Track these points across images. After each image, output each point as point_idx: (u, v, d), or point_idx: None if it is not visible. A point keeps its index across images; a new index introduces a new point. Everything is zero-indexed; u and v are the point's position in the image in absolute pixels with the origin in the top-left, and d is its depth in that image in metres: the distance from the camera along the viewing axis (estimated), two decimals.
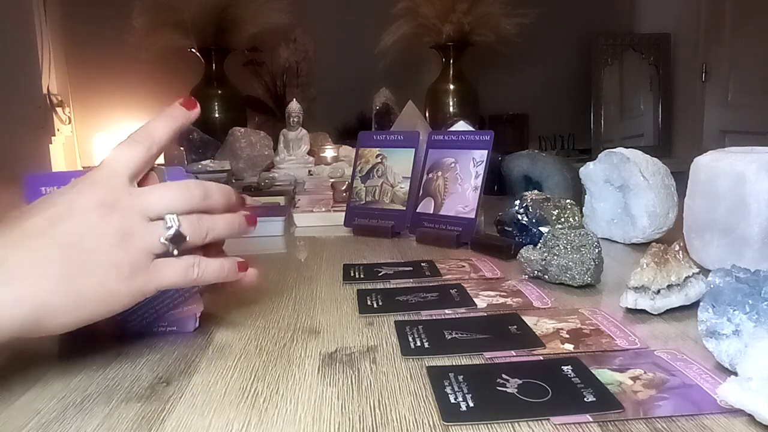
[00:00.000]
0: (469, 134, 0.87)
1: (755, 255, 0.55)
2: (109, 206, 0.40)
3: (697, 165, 0.62)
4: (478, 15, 2.12)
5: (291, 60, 2.27)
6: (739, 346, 0.38)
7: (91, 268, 0.38)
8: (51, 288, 0.37)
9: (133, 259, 0.40)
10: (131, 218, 0.40)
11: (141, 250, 0.40)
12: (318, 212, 0.98)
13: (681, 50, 2.49)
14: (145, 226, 0.41)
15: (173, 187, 0.42)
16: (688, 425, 0.33)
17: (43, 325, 0.37)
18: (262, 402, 0.36)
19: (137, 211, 0.41)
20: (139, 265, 0.40)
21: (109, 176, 0.41)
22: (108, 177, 0.41)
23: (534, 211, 0.73)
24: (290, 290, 0.60)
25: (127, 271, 0.39)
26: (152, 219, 0.41)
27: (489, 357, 0.42)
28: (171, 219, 0.41)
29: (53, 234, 0.38)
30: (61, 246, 0.38)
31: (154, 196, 0.42)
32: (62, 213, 0.39)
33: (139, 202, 0.41)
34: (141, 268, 0.40)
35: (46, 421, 0.35)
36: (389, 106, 1.57)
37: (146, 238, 0.40)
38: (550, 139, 2.53)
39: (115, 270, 0.39)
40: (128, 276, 0.39)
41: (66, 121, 2.33)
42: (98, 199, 0.40)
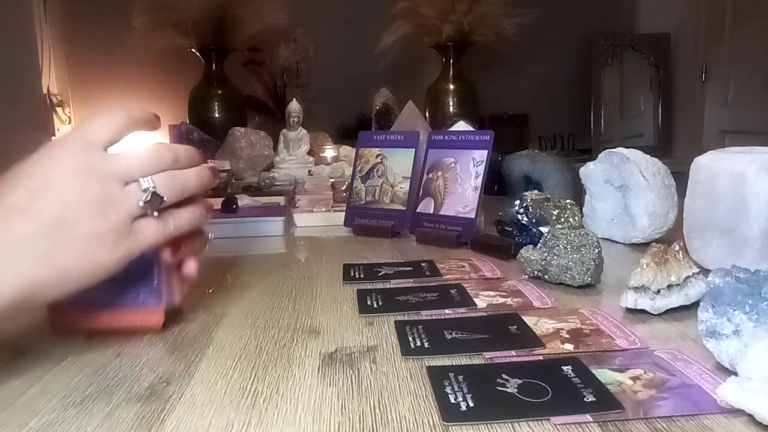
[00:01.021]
0: (469, 134, 0.87)
1: (755, 255, 0.55)
2: (87, 173, 0.40)
3: (697, 165, 0.62)
4: (478, 15, 2.11)
5: (291, 60, 2.26)
6: (739, 346, 0.38)
7: (76, 241, 0.39)
8: (38, 265, 0.38)
9: (115, 227, 0.41)
10: (109, 184, 0.41)
11: (122, 217, 0.41)
12: (318, 212, 0.98)
13: (681, 50, 2.49)
14: (123, 192, 0.41)
15: (146, 150, 0.43)
16: (688, 425, 0.33)
17: (32, 299, 0.39)
18: (262, 402, 0.36)
19: (114, 176, 0.41)
20: (121, 232, 0.41)
21: (84, 140, 0.42)
22: (82, 141, 0.41)
23: (534, 211, 0.73)
24: (290, 290, 0.60)
25: (110, 239, 0.40)
26: (128, 183, 0.42)
27: (489, 357, 0.42)
28: (146, 181, 0.42)
29: (36, 209, 0.39)
30: (44, 222, 0.38)
31: (129, 159, 0.42)
32: (41, 184, 0.39)
33: (116, 166, 0.41)
34: (123, 234, 0.41)
35: (46, 421, 0.35)
36: (389, 106, 1.57)
37: (126, 204, 0.41)
38: (550, 139, 2.52)
39: (98, 240, 0.40)
40: (112, 244, 0.40)
41: (66, 121, 2.33)
42: (75, 166, 0.40)
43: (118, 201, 0.41)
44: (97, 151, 0.41)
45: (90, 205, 0.40)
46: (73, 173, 0.40)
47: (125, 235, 0.41)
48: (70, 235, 0.39)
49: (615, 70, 2.53)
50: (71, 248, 0.39)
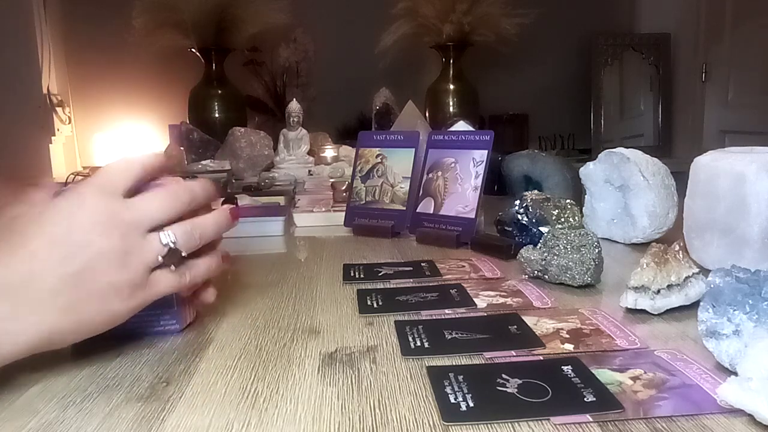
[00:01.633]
0: (469, 134, 0.87)
1: (755, 255, 0.55)
2: (108, 222, 0.40)
3: (697, 165, 0.62)
4: (478, 15, 2.11)
5: (291, 60, 2.27)
6: (739, 346, 0.38)
7: (95, 294, 0.40)
8: (58, 317, 0.39)
9: (133, 279, 0.41)
10: (131, 234, 0.41)
11: (140, 268, 0.41)
12: (318, 212, 0.98)
13: (681, 50, 2.49)
14: (143, 243, 0.41)
15: (163, 194, 0.43)
16: (688, 425, 0.33)
17: (48, 346, 0.40)
18: (262, 402, 0.36)
19: (135, 226, 0.41)
20: (138, 284, 0.41)
21: (104, 188, 0.42)
22: (103, 188, 0.42)
23: (534, 211, 0.73)
24: (290, 290, 0.60)
25: (127, 291, 0.41)
26: (148, 230, 0.42)
27: (489, 357, 0.42)
28: (167, 236, 0.42)
29: (59, 262, 0.39)
30: (68, 275, 0.39)
31: (149, 206, 0.42)
32: (64, 233, 0.39)
33: (137, 215, 0.41)
34: (140, 286, 0.42)
35: (46, 421, 0.35)
36: (389, 106, 1.57)
37: (145, 256, 0.41)
38: (550, 139, 2.52)
39: (116, 292, 0.40)
40: (128, 295, 0.41)
41: (66, 121, 2.33)
42: (97, 214, 0.40)
43: (137, 252, 0.41)
44: (117, 198, 0.42)
45: (111, 257, 0.40)
46: (95, 223, 0.40)
47: (142, 286, 0.42)
48: (91, 288, 0.39)
49: (615, 70, 2.53)
50: (91, 300, 0.40)
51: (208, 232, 0.45)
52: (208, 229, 0.45)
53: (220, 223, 0.47)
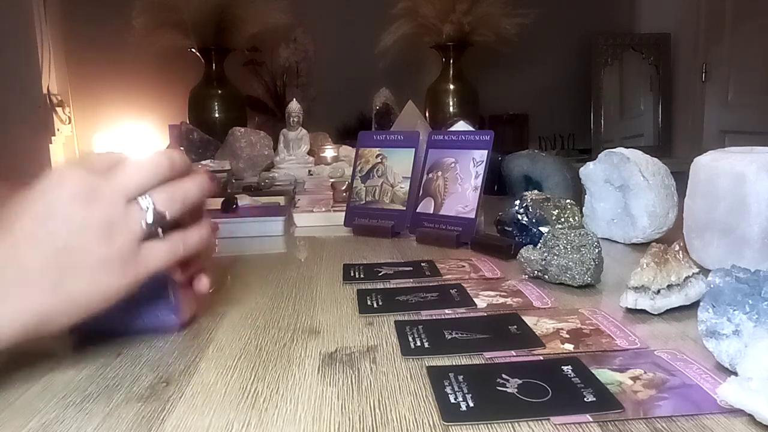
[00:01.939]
0: (469, 134, 0.87)
1: (755, 255, 0.55)
2: (88, 194, 0.39)
3: (697, 165, 0.62)
4: (478, 15, 2.11)
5: (291, 60, 2.26)
6: (739, 346, 0.38)
7: (84, 268, 0.39)
8: (47, 296, 0.38)
9: (122, 251, 0.40)
10: (112, 204, 0.40)
11: (127, 240, 0.40)
12: (318, 212, 0.98)
13: (681, 50, 2.49)
14: (125, 212, 0.40)
15: (143, 163, 0.42)
16: (688, 425, 0.33)
17: (43, 329, 0.39)
18: (262, 402, 0.36)
19: (117, 195, 0.40)
20: (128, 256, 0.40)
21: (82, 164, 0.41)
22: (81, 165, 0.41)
23: (534, 211, 0.73)
24: (290, 290, 0.60)
25: (118, 264, 0.40)
26: (130, 200, 0.41)
27: (489, 357, 0.42)
28: (144, 200, 0.41)
29: (42, 238, 0.38)
30: (51, 251, 0.38)
31: (129, 175, 0.41)
32: (45, 210, 0.39)
33: (117, 184, 0.40)
34: (131, 258, 0.40)
35: (46, 421, 0.35)
36: (389, 106, 1.57)
37: (129, 226, 0.40)
38: (550, 139, 2.52)
39: (106, 265, 0.39)
40: (120, 268, 0.40)
41: (66, 121, 2.33)
42: (77, 189, 0.39)
43: (122, 223, 0.40)
44: (96, 172, 0.41)
45: (95, 229, 0.39)
46: (74, 195, 0.39)
47: (133, 258, 0.41)
48: (78, 263, 0.39)
49: (615, 70, 2.53)
50: (80, 276, 0.39)
51: (191, 194, 0.44)
52: (190, 191, 0.44)
53: (201, 184, 0.45)
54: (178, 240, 0.43)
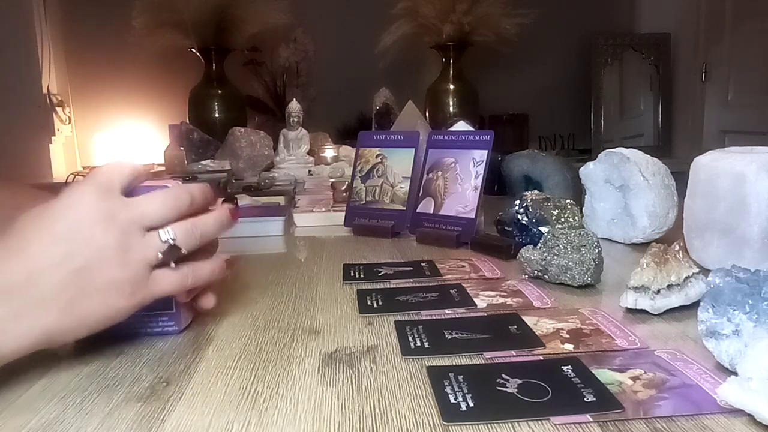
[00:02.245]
0: (469, 134, 0.87)
1: (755, 255, 0.55)
2: (107, 219, 0.40)
3: (697, 165, 0.62)
4: (478, 15, 2.11)
5: (291, 60, 2.26)
6: (739, 346, 0.38)
7: (96, 291, 0.40)
8: (60, 315, 0.39)
9: (134, 276, 0.41)
10: (130, 231, 0.41)
11: (140, 266, 0.41)
12: (318, 212, 0.98)
13: (681, 50, 2.49)
14: (142, 239, 0.41)
15: (163, 195, 0.43)
16: (688, 425, 0.33)
17: (50, 344, 0.40)
18: (262, 402, 0.36)
19: (135, 223, 0.41)
20: (139, 281, 0.41)
21: (104, 185, 0.42)
22: (103, 186, 0.42)
23: (534, 211, 0.73)
24: (290, 290, 0.60)
25: (128, 288, 0.41)
26: (147, 229, 0.42)
27: (489, 357, 0.42)
28: (166, 233, 0.42)
29: (61, 260, 0.39)
30: (68, 273, 0.39)
31: (149, 205, 0.42)
32: (65, 230, 0.40)
33: (136, 212, 0.42)
34: (141, 284, 0.42)
35: (46, 421, 0.35)
36: (389, 106, 1.57)
37: (144, 253, 0.41)
38: (550, 139, 2.52)
39: (117, 289, 0.41)
40: (129, 293, 0.41)
41: (66, 121, 2.33)
42: (97, 211, 0.40)
43: (137, 249, 0.41)
44: (115, 197, 0.42)
45: (112, 253, 0.40)
46: (96, 219, 0.40)
47: (143, 283, 0.42)
48: (93, 284, 0.40)
49: (615, 70, 2.53)
50: (93, 297, 0.40)
51: (209, 231, 0.45)
52: (209, 227, 0.45)
53: (221, 221, 0.47)
54: (188, 272, 0.44)
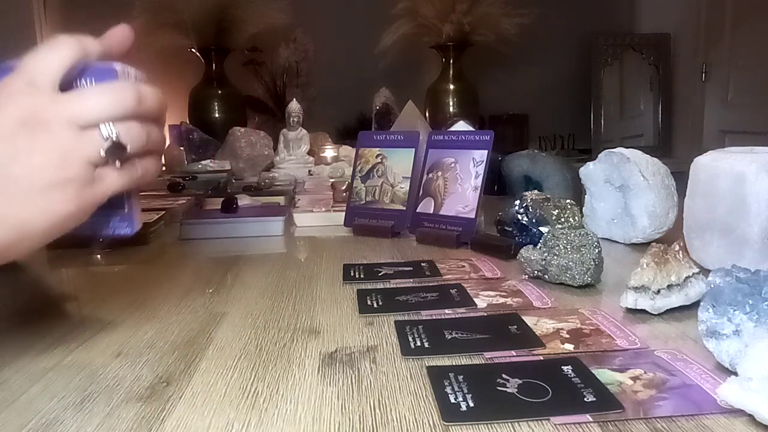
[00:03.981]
0: (469, 134, 0.87)
1: (755, 255, 0.55)
2: (33, 122, 0.36)
3: (697, 165, 0.62)
4: (478, 15, 2.11)
5: (291, 60, 2.26)
6: (739, 346, 0.38)
7: (32, 196, 0.36)
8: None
9: (75, 177, 0.37)
10: (61, 131, 0.37)
11: (81, 166, 0.37)
12: (318, 212, 0.98)
13: (681, 50, 2.49)
14: (79, 138, 0.37)
15: (104, 91, 0.38)
16: (688, 425, 0.33)
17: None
18: (262, 402, 0.36)
19: (66, 123, 0.37)
20: (83, 181, 0.37)
21: (29, 84, 0.37)
22: (27, 85, 0.37)
23: (534, 211, 0.73)
24: (290, 290, 0.60)
25: (71, 190, 0.37)
26: (83, 127, 0.37)
27: (489, 357, 0.42)
28: (107, 129, 0.37)
29: None
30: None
31: (83, 102, 0.37)
32: None
33: (67, 111, 0.37)
34: (85, 183, 0.38)
35: (46, 421, 0.35)
36: (389, 106, 1.57)
37: (84, 152, 0.37)
38: (550, 139, 2.52)
39: (58, 192, 0.37)
40: (74, 195, 0.37)
41: None
42: (19, 115, 0.36)
43: (73, 147, 0.37)
44: (44, 93, 0.37)
45: (42, 156, 0.36)
46: (18, 123, 0.36)
47: (88, 184, 0.38)
48: (25, 191, 0.36)
49: (615, 70, 2.53)
50: (29, 203, 0.36)
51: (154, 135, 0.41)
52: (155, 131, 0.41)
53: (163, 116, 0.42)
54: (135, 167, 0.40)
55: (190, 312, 0.53)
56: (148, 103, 0.40)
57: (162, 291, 0.60)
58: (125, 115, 0.38)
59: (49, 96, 0.37)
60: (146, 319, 0.52)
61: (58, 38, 0.39)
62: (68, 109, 0.37)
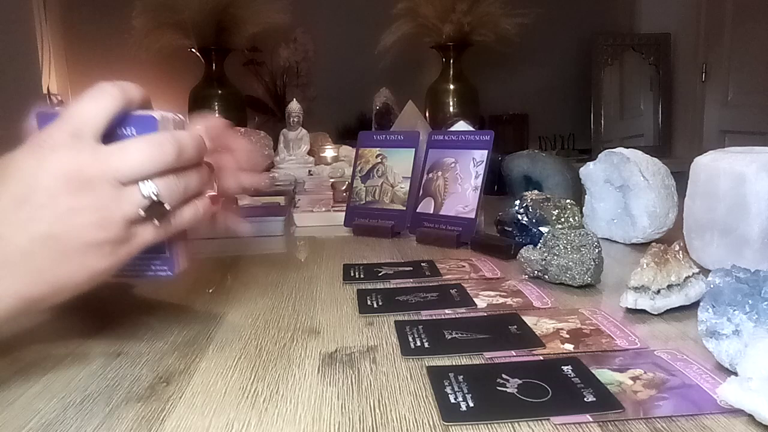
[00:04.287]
0: (469, 134, 0.87)
1: (755, 255, 0.55)
2: (77, 180, 0.36)
3: (697, 165, 0.62)
4: (478, 15, 2.11)
5: (291, 60, 2.26)
6: (739, 346, 0.38)
7: (71, 254, 0.37)
8: (33, 281, 0.36)
9: (113, 236, 0.38)
10: (103, 190, 0.37)
11: (119, 225, 0.38)
12: (318, 212, 0.98)
13: (681, 50, 2.49)
14: (119, 197, 0.37)
15: (144, 145, 0.38)
16: (688, 425, 0.33)
17: (28, 311, 0.37)
18: (262, 402, 0.36)
19: (108, 181, 0.37)
20: (119, 240, 0.38)
21: (72, 135, 0.37)
22: (71, 137, 0.37)
23: (534, 211, 0.73)
24: (290, 290, 0.60)
25: (107, 248, 0.38)
26: (124, 184, 0.38)
27: (489, 357, 0.42)
28: (148, 188, 0.38)
29: (23, 224, 0.36)
30: (34, 238, 0.36)
31: (125, 159, 0.37)
32: (28, 191, 0.36)
33: (110, 168, 0.37)
34: (121, 242, 0.38)
35: (46, 421, 0.35)
36: (389, 106, 1.57)
37: (123, 210, 0.37)
38: (550, 139, 2.52)
39: (95, 251, 0.37)
40: (109, 252, 0.38)
41: None
42: (63, 172, 0.36)
43: (113, 207, 0.37)
44: (87, 147, 0.37)
45: (84, 215, 0.36)
46: (62, 179, 0.36)
47: (124, 242, 0.38)
48: (64, 250, 0.36)
49: (615, 70, 2.53)
50: (66, 262, 0.37)
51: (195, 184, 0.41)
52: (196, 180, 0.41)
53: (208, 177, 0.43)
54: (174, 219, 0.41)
55: (190, 312, 0.53)
56: (188, 154, 0.40)
57: (162, 291, 0.60)
58: (166, 170, 0.39)
59: (93, 150, 0.37)
60: (146, 318, 0.52)
61: (102, 86, 0.39)
62: (111, 166, 0.37)
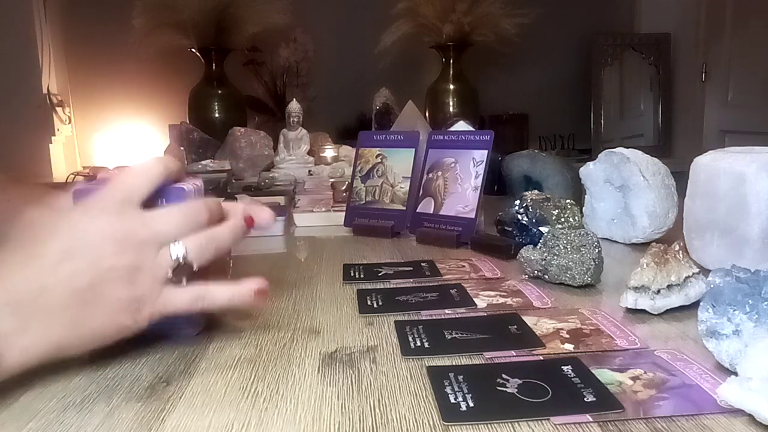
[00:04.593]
0: (469, 134, 0.87)
1: (755, 255, 0.55)
2: (123, 239, 0.40)
3: (697, 165, 0.62)
4: (478, 15, 2.11)
5: (291, 60, 2.26)
6: (739, 346, 0.38)
7: (105, 307, 0.39)
8: (67, 331, 0.39)
9: (143, 294, 0.40)
10: (145, 251, 0.40)
11: (150, 284, 0.41)
12: (318, 212, 0.98)
13: (681, 50, 2.49)
14: (155, 258, 0.41)
15: (181, 211, 0.43)
16: (688, 425, 0.33)
17: (57, 356, 0.40)
18: (262, 402, 0.36)
19: (151, 242, 0.41)
20: (148, 299, 0.41)
21: (122, 201, 0.41)
22: (120, 203, 0.41)
23: (534, 211, 0.73)
24: (290, 290, 0.60)
25: (136, 305, 0.40)
26: (162, 247, 0.41)
27: (489, 357, 0.42)
28: (177, 248, 0.41)
29: (68, 276, 0.38)
30: (76, 289, 0.38)
31: (166, 222, 0.42)
32: (74, 245, 0.39)
33: (153, 232, 0.41)
34: (150, 301, 0.41)
35: (46, 421, 0.35)
36: (389, 106, 1.57)
37: (155, 271, 0.41)
38: (550, 139, 2.52)
39: (125, 306, 0.40)
40: (137, 310, 0.40)
41: (66, 121, 2.32)
42: (112, 232, 0.40)
43: (148, 268, 0.40)
44: (134, 212, 0.41)
45: (122, 272, 0.39)
46: (108, 238, 0.40)
47: (152, 301, 0.41)
48: (100, 302, 0.39)
49: (615, 70, 2.53)
50: (100, 314, 0.39)
51: (224, 239, 0.44)
52: (224, 236, 0.44)
53: (236, 229, 0.45)
54: (201, 294, 0.43)
55: None
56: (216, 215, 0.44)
57: None
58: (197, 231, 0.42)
59: (139, 215, 0.41)
60: None
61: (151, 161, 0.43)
62: (154, 230, 0.41)
